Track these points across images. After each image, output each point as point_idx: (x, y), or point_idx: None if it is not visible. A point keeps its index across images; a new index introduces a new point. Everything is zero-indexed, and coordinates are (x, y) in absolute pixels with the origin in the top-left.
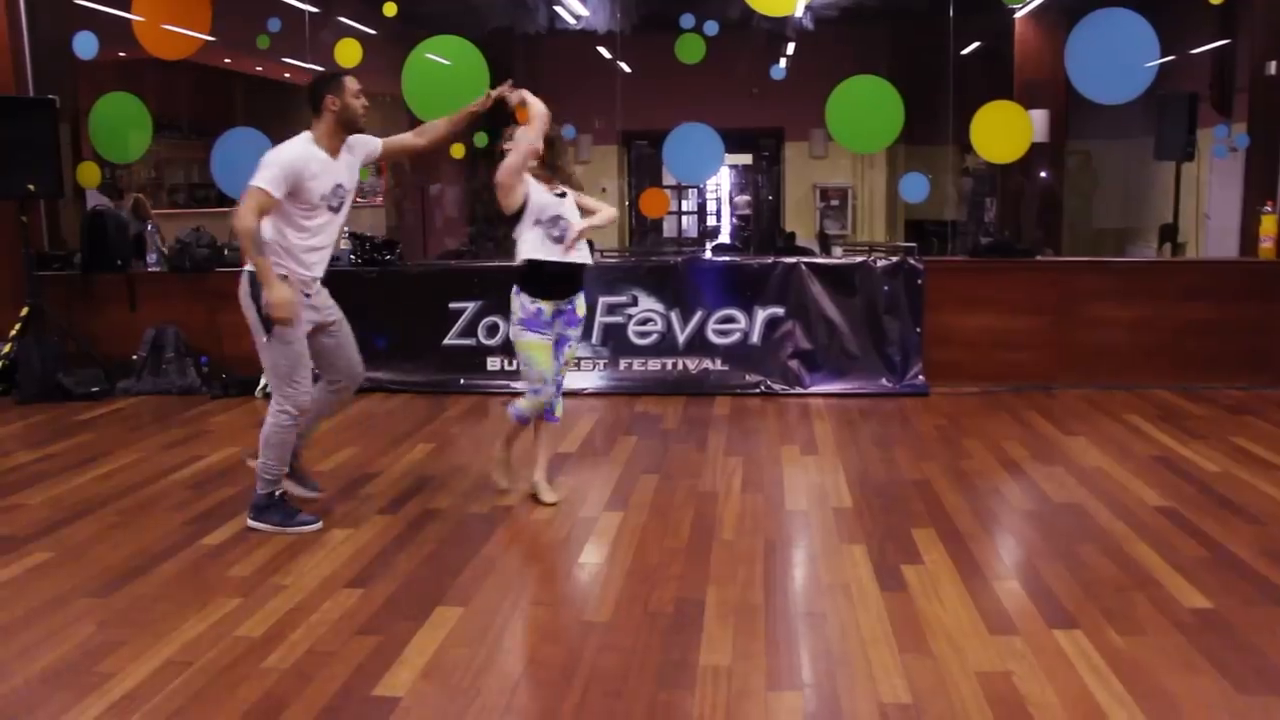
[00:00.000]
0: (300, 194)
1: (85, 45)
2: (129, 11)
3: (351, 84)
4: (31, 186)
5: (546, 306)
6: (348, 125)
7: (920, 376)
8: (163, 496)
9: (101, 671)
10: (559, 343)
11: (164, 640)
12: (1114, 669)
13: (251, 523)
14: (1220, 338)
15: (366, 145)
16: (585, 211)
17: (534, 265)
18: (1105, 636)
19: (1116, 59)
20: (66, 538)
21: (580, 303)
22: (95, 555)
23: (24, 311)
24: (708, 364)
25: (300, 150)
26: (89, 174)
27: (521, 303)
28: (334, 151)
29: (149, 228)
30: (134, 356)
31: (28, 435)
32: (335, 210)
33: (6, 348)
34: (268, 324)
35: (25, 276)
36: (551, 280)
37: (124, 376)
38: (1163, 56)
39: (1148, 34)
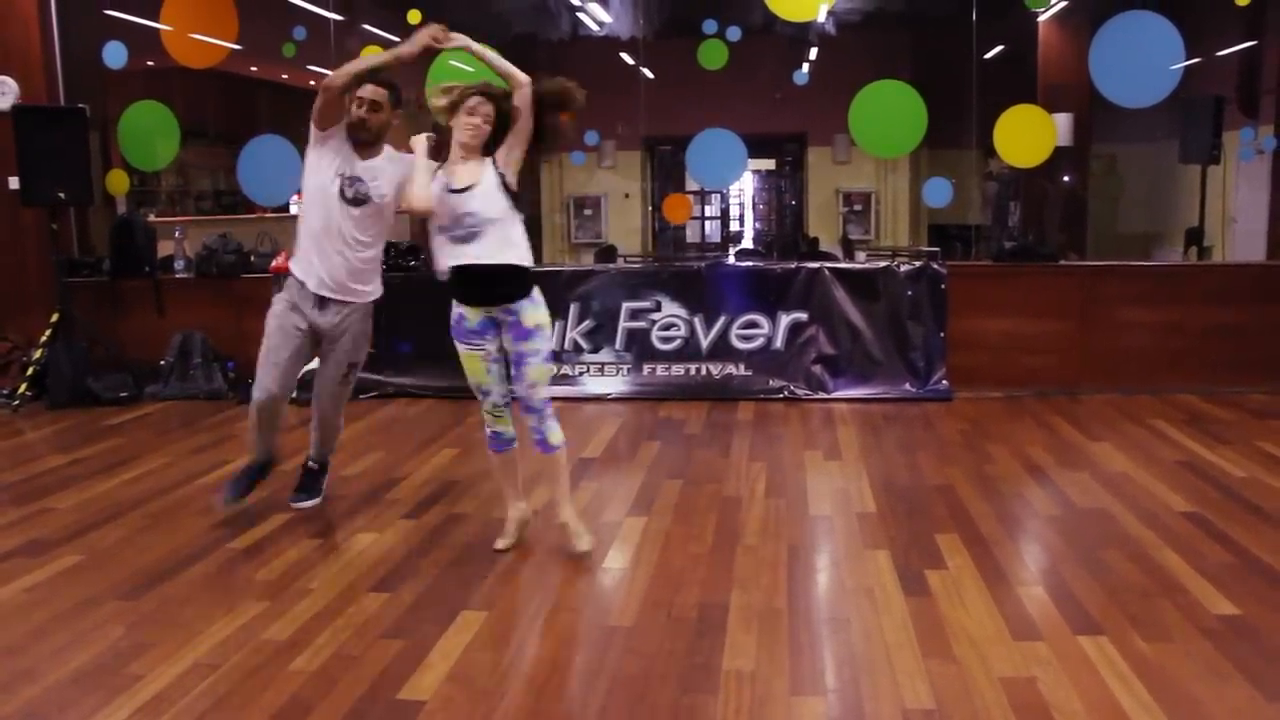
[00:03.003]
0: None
1: (115, 55)
2: (157, 21)
3: (363, 91)
4: (62, 194)
5: (470, 313)
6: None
7: (944, 381)
8: (190, 501)
9: (131, 673)
10: (516, 360)
11: (192, 643)
12: (1140, 676)
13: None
14: (1246, 341)
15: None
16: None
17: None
18: (1131, 643)
19: (1141, 62)
20: (96, 541)
21: (528, 312)
22: (124, 558)
23: (54, 317)
24: (731, 369)
25: None
26: (118, 182)
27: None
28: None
29: (176, 233)
30: (161, 362)
31: (57, 440)
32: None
33: (37, 353)
34: None
35: (55, 283)
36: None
37: (152, 382)
38: (1188, 59)
39: (1172, 36)
